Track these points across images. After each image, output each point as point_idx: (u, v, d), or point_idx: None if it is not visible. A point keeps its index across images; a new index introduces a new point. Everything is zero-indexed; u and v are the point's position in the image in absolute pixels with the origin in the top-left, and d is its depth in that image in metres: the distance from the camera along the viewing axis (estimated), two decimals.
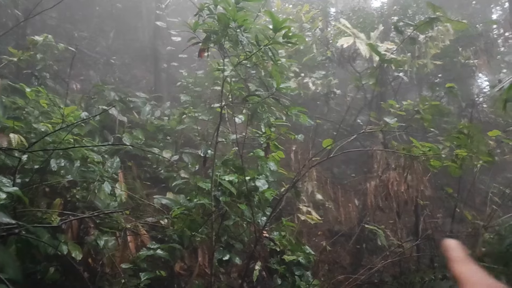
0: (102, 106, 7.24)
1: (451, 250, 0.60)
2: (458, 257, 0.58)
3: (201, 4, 5.18)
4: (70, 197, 5.68)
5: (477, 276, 0.53)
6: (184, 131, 8.30)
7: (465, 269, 0.55)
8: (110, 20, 11.94)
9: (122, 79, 11.12)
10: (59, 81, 7.69)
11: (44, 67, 6.69)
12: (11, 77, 7.06)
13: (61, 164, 5.19)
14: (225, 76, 5.51)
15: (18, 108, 5.87)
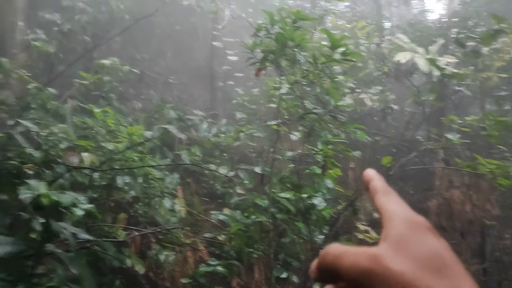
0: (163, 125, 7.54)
1: (371, 180, 0.52)
2: (379, 188, 0.50)
3: (258, 24, 5.30)
4: (133, 212, 5.95)
5: (398, 207, 0.45)
6: (239, 148, 8.43)
7: (386, 200, 0.47)
8: (168, 42, 12.46)
9: (180, 97, 11.53)
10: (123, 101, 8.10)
11: (111, 88, 7.10)
12: (80, 98, 7.55)
13: (126, 180, 5.46)
14: (281, 94, 5.57)
15: (87, 128, 6.25)
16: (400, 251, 0.38)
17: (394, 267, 0.36)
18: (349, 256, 0.39)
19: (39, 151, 3.45)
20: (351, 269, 0.38)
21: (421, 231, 0.40)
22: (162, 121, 7.89)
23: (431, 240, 0.39)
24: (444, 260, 0.37)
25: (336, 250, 0.41)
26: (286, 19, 4.94)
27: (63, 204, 2.27)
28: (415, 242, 0.39)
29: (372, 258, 0.37)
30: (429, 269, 0.35)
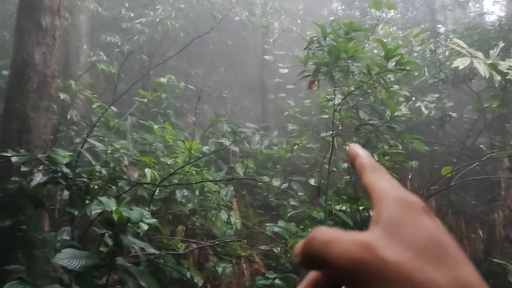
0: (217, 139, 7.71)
1: (357, 157, 0.48)
2: (367, 164, 0.45)
3: (310, 38, 5.33)
4: (191, 224, 6.11)
5: (388, 185, 0.41)
6: (292, 159, 8.44)
7: (375, 178, 0.43)
8: (221, 57, 12.78)
9: (232, 111, 11.75)
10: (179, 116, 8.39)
11: (168, 105, 7.40)
12: (139, 114, 7.90)
13: (184, 193, 5.64)
14: (335, 105, 5.54)
15: (146, 143, 6.53)
16: (395, 236, 0.34)
17: (389, 256, 0.32)
18: (338, 244, 0.34)
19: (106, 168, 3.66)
20: (341, 259, 0.34)
21: (415, 212, 0.36)
22: (216, 135, 8.07)
23: (427, 222, 0.35)
24: (443, 246, 0.33)
25: (324, 235, 0.36)
26: (338, 31, 4.93)
27: (132, 220, 2.40)
28: (410, 226, 0.35)
29: (365, 247, 0.33)
30: (427, 257, 0.32)
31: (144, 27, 8.65)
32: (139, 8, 9.62)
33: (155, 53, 10.13)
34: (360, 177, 0.44)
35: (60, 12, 5.32)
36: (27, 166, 3.72)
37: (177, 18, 9.20)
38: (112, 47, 8.59)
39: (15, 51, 5.06)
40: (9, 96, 4.97)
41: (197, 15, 10.46)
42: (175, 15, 9.02)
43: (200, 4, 9.34)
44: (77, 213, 3.25)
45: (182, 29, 9.47)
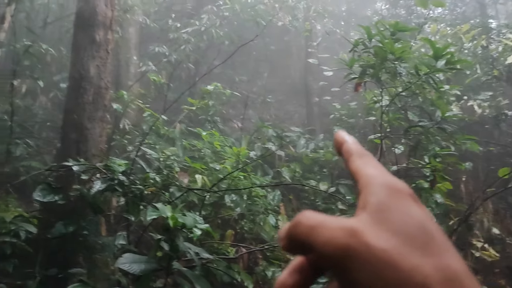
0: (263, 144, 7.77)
1: (344, 143, 0.46)
2: (353, 150, 0.44)
3: (355, 40, 5.29)
4: (239, 228, 6.20)
5: (376, 172, 0.39)
6: (338, 163, 8.35)
7: (362, 164, 0.41)
8: (264, 62, 12.88)
9: (277, 115, 11.79)
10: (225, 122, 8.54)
11: (215, 111, 7.55)
12: (187, 121, 8.12)
13: (232, 199, 5.73)
14: (383, 107, 5.45)
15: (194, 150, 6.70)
16: (381, 223, 0.33)
17: (375, 243, 0.32)
18: (324, 229, 0.34)
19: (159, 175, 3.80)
20: (327, 245, 0.33)
21: (402, 198, 0.36)
22: (262, 140, 8.13)
23: (414, 209, 0.35)
24: (429, 233, 0.33)
25: (310, 220, 0.35)
26: (383, 32, 4.86)
27: (187, 226, 2.49)
28: (397, 212, 0.34)
29: (351, 233, 0.33)
30: (414, 244, 0.32)
31: (190, 37, 8.89)
32: (184, 18, 9.91)
33: (201, 61, 10.37)
34: (347, 163, 0.43)
35: (112, 27, 5.58)
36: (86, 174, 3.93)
37: (221, 27, 9.38)
38: (160, 57, 8.88)
39: (72, 65, 5.36)
40: (67, 109, 5.27)
41: (241, 22, 10.61)
42: (219, 23, 9.20)
43: (244, 12, 9.47)
44: (134, 219, 3.39)
45: (226, 37, 9.64)
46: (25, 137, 5.95)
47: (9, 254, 3.75)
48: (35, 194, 3.42)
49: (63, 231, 3.51)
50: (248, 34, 10.73)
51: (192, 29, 8.99)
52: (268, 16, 9.29)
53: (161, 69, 8.78)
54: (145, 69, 8.23)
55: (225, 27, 9.76)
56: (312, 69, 10.72)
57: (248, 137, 7.70)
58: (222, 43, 9.80)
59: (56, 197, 3.43)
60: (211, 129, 6.83)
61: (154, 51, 8.89)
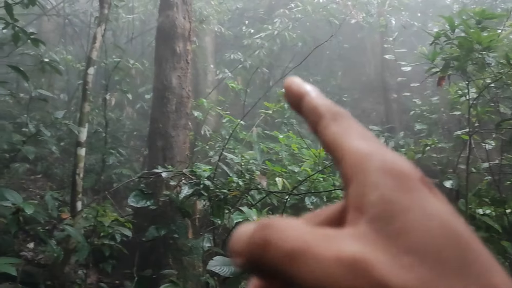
0: None
1: (305, 95, 0.31)
2: (323, 109, 0.30)
3: (437, 32, 5.05)
4: None
5: (365, 144, 0.27)
6: (421, 161, 7.99)
7: (341, 132, 0.28)
8: (338, 61, 12.70)
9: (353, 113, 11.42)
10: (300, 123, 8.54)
11: (291, 114, 7.59)
12: (263, 125, 8.24)
13: (313, 201, 5.72)
14: (470, 100, 5.15)
15: (271, 153, 6.78)
16: (394, 239, 0.22)
17: (394, 281, 0.21)
18: (312, 259, 0.22)
19: (241, 179, 3.91)
20: (318, 284, 0.22)
21: (414, 189, 0.24)
22: None
23: (433, 205, 0.23)
24: (462, 242, 0.22)
25: (288, 240, 0.23)
26: (467, 21, 4.59)
27: None
28: (413, 216, 0.23)
29: (355, 269, 0.22)
30: (446, 266, 0.21)
31: (264, 41, 9.02)
32: (257, 24, 10.08)
33: (274, 64, 10.48)
34: (314, 130, 0.31)
35: (190, 38, 5.84)
36: (174, 180, 4.14)
37: (294, 29, 9.41)
38: (235, 64, 9.12)
39: (155, 77, 5.69)
40: (153, 118, 5.59)
41: (313, 23, 10.58)
42: (292, 26, 9.24)
43: (316, 12, 9.43)
44: (220, 222, 3.52)
45: (299, 39, 9.66)
46: (117, 146, 6.41)
47: (108, 256, 4.06)
48: (129, 200, 3.68)
49: (156, 234, 3.73)
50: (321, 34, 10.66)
51: (265, 34, 9.12)
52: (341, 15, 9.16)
53: (236, 75, 9.01)
54: (221, 76, 8.50)
55: (297, 29, 9.77)
56: (388, 65, 10.39)
57: None
58: (295, 45, 9.82)
59: (148, 202, 3.66)
60: (287, 132, 6.86)
61: (229, 58, 9.15)
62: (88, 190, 6.42)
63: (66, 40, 9.84)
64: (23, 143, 3.20)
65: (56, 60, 5.26)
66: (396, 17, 11.22)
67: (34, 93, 3.25)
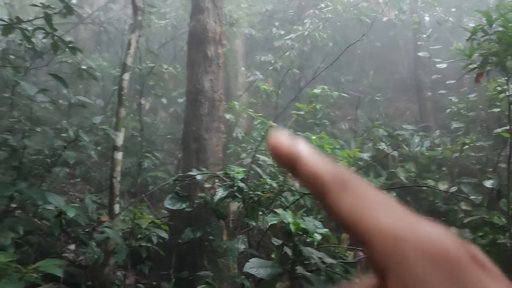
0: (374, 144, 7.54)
1: (298, 157, 0.26)
2: (328, 175, 0.25)
3: (473, 27, 4.91)
4: None
5: (394, 219, 0.22)
6: (459, 160, 7.77)
7: (358, 202, 0.23)
8: (369, 60, 12.53)
9: (386, 113, 11.36)
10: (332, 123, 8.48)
11: (323, 115, 7.55)
12: (294, 126, 8.22)
13: None
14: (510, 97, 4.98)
15: None
16: None
17: None
18: None
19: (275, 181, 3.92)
20: None
21: (468, 279, 0.20)
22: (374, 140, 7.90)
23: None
24: None
25: None
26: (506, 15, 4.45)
27: (309, 231, 2.53)
28: None
29: None
30: None
31: (294, 42, 9.01)
32: (287, 25, 10.07)
33: (305, 65, 10.44)
34: (321, 200, 0.26)
35: (221, 41, 5.89)
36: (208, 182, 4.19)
37: (324, 29, 9.35)
38: (265, 66, 9.14)
39: (188, 81, 5.77)
40: (186, 121, 5.68)
41: (344, 22, 10.48)
42: (322, 26, 9.18)
43: (346, 12, 9.34)
44: (254, 224, 3.53)
45: (330, 39, 9.58)
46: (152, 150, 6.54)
47: (145, 257, 4.14)
48: (166, 202, 3.74)
49: (192, 236, 3.79)
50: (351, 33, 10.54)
51: (295, 35, 9.10)
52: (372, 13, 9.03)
53: (267, 77, 9.03)
54: (252, 79, 8.53)
55: (328, 29, 9.71)
56: (422, 63, 10.16)
57: (359, 139, 7.54)
58: (326, 45, 9.75)
59: (183, 204, 3.72)
60: (319, 133, 6.81)
61: (259, 60, 9.18)
62: (125, 193, 6.59)
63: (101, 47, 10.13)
64: (64, 148, 3.31)
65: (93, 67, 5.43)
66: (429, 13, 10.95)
67: (73, 100, 3.36)
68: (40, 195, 2.81)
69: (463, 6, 11.70)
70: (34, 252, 4.07)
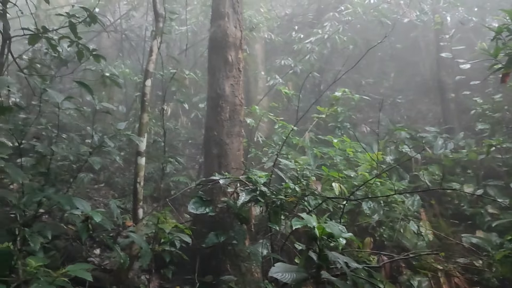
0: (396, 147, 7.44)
1: None
2: None
3: (498, 27, 4.82)
4: (378, 236, 6.00)
5: None
6: (484, 162, 7.60)
7: None
8: (390, 62, 12.39)
9: (408, 115, 11.21)
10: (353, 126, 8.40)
11: (344, 118, 7.49)
12: (314, 129, 8.18)
13: (369, 205, 5.58)
14: None
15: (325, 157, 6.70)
16: None
17: None
18: None
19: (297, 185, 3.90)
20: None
21: None
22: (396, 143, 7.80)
23: None
24: None
25: None
26: None
27: (335, 236, 2.51)
28: None
29: None
30: None
31: (314, 46, 8.98)
32: (307, 28, 10.03)
33: (325, 68, 10.38)
34: None
35: (242, 46, 5.92)
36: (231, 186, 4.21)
37: (344, 31, 9.29)
38: (285, 69, 9.13)
39: (209, 86, 5.81)
40: (207, 126, 5.71)
41: (364, 24, 10.39)
42: (342, 28, 9.13)
43: (366, 14, 9.25)
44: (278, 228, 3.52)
45: (350, 41, 9.51)
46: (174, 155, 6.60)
47: (168, 262, 4.17)
48: (189, 207, 3.77)
49: (215, 240, 3.80)
50: (372, 35, 10.45)
51: (315, 38, 9.06)
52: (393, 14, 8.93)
53: (287, 81, 9.02)
54: (272, 83, 8.53)
55: (348, 32, 9.64)
56: (445, 64, 9.98)
57: (382, 141, 7.45)
58: (346, 48, 9.69)
59: (206, 209, 3.74)
60: (341, 136, 6.77)
61: (279, 64, 9.18)
62: (147, 197, 6.66)
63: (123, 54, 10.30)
64: (90, 154, 3.37)
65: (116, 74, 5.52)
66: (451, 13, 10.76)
67: (98, 107, 3.42)
68: (67, 200, 2.85)
69: (486, 6, 11.47)
70: (61, 256, 4.15)
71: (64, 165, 5.43)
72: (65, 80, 7.25)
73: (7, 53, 4.00)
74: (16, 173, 2.75)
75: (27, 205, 2.85)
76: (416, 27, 11.34)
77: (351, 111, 9.12)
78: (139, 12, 10.67)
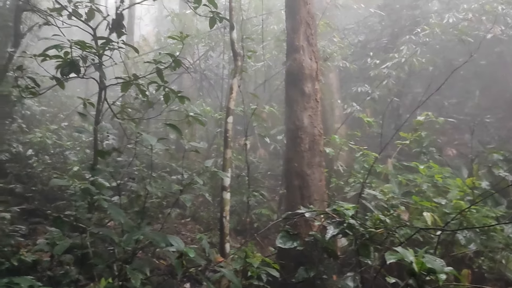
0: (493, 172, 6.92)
1: None
2: None
3: None
4: (477, 267, 5.53)
5: None
6: None
7: None
8: (474, 80, 11.71)
9: (499, 135, 10.43)
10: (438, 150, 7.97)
11: (430, 142, 7.15)
12: (397, 155, 7.87)
13: (465, 235, 5.19)
14: None
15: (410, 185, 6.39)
16: None
17: None
18: None
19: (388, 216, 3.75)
20: None
21: None
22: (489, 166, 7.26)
23: None
24: None
25: None
26: None
27: (436, 271, 2.36)
28: None
29: None
30: None
31: (391, 70, 8.77)
32: (381, 54, 9.85)
33: (402, 91, 10.07)
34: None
35: (318, 77, 5.94)
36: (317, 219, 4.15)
37: (422, 53, 8.99)
38: (361, 96, 8.99)
39: (287, 118, 5.87)
40: (287, 157, 5.74)
41: (443, 43, 9.98)
42: (420, 50, 8.84)
43: (445, 33, 8.90)
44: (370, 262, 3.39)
45: (429, 62, 9.18)
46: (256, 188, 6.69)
47: None
48: (277, 241, 3.77)
49: (305, 275, 3.74)
50: (452, 54, 10.01)
51: (392, 63, 8.86)
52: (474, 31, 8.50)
53: (365, 107, 8.85)
54: (350, 110, 8.43)
55: (426, 53, 9.31)
56: None
57: (475, 166, 6.99)
58: (425, 69, 9.34)
59: (294, 243, 3.71)
60: (427, 161, 6.44)
61: (355, 91, 9.07)
62: (232, 231, 6.77)
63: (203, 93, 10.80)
64: (180, 192, 3.52)
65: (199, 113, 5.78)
66: None
67: (187, 146, 3.59)
68: (163, 238, 2.99)
69: None
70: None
71: (153, 202, 5.72)
72: (151, 120, 7.71)
73: (103, 101, 4.36)
74: (118, 213, 2.94)
75: (127, 243, 3.02)
76: (501, 42, 10.68)
77: (435, 134, 8.69)
78: (216, 52, 11.18)
